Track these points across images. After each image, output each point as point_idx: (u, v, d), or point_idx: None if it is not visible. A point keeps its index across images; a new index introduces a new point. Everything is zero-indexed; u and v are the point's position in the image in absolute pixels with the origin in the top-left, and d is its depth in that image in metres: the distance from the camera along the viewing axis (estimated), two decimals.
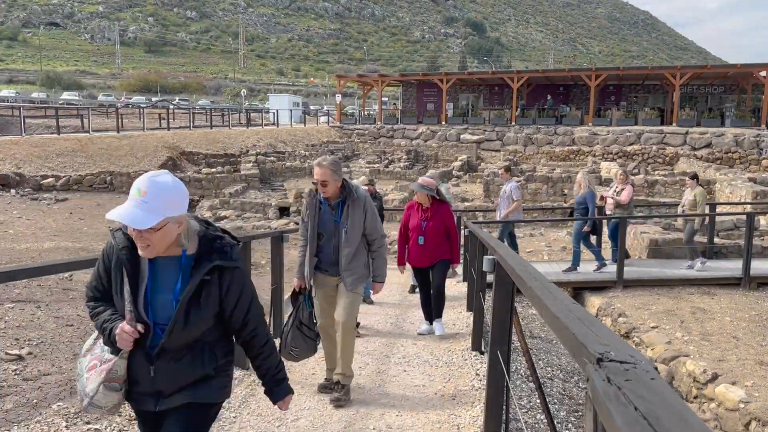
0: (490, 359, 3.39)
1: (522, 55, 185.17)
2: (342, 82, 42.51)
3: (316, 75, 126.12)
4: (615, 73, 34.55)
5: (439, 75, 39.07)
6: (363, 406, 4.40)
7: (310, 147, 32.35)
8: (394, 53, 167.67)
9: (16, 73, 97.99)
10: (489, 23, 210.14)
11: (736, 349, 7.24)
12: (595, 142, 30.34)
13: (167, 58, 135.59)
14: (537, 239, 15.52)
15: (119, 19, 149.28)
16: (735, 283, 10.04)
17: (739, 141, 27.31)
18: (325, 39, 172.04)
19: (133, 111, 36.61)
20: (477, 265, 5.96)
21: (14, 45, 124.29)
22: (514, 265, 2.68)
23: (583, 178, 10.48)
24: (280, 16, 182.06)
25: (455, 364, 5.41)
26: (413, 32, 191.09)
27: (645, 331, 8.04)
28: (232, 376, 2.39)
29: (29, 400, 4.23)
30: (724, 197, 18.56)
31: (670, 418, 0.89)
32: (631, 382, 1.04)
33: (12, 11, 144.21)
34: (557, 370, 6.20)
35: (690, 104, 34.38)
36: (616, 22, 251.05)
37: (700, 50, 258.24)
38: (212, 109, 45.37)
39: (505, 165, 15.82)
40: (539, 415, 4.40)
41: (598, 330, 1.39)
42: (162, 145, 24.46)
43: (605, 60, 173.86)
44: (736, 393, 5.93)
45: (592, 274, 10.56)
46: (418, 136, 34.48)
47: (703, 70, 32.73)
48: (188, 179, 21.09)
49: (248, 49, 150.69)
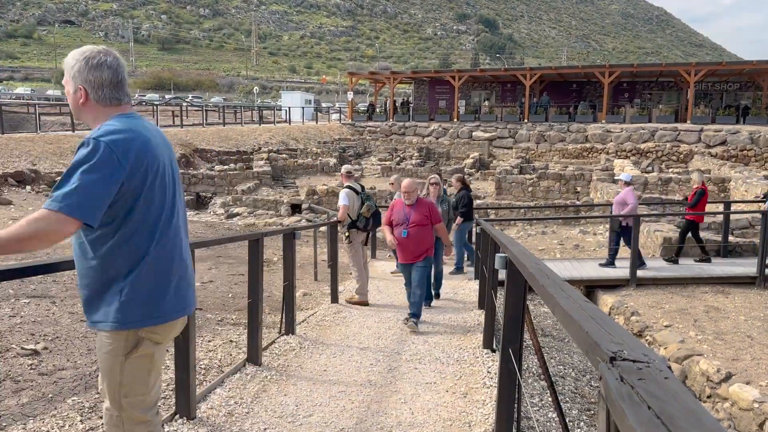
0: (502, 357, 3.39)
1: (535, 51, 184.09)
2: (354, 80, 42.49)
3: (328, 72, 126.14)
4: (629, 70, 34.26)
5: (451, 72, 38.97)
6: (374, 402, 4.41)
7: (322, 144, 32.39)
8: (406, 50, 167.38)
9: (32, 71, 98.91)
10: (502, 20, 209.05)
11: (751, 348, 7.18)
12: (608, 139, 30.12)
13: (180, 56, 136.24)
14: (549, 237, 15.45)
15: (133, 16, 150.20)
16: (750, 282, 9.96)
17: (755, 138, 26.99)
18: (337, 36, 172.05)
19: (147, 108, 36.81)
20: (489, 262, 5.94)
21: (29, 43, 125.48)
22: (527, 263, 2.67)
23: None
24: (292, 14, 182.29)
25: (467, 362, 5.41)
26: (425, 29, 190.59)
27: (658, 330, 7.99)
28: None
29: (45, 395, 4.28)
30: (739, 195, 18.36)
31: (684, 418, 0.89)
32: (644, 381, 1.03)
33: (27, 9, 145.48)
34: (569, 368, 6.17)
35: (705, 101, 34.01)
36: (630, 18, 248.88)
37: (716, 47, 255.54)
38: (225, 106, 45.54)
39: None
40: (551, 413, 4.39)
41: (611, 328, 1.38)
42: (175, 142, 24.59)
43: (619, 57, 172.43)
44: (750, 393, 5.88)
45: (605, 272, 10.52)
46: (429, 134, 34.42)
47: (718, 67, 32.39)
48: (201, 176, 21.20)
49: (261, 46, 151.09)
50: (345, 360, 5.46)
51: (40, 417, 3.90)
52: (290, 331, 6.18)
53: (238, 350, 5.70)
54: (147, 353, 2.34)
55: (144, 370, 2.35)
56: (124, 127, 2.23)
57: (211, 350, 5.66)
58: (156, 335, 2.35)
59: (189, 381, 3.87)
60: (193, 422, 3.88)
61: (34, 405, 4.10)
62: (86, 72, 2.27)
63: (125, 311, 2.24)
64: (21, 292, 6.85)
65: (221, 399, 4.34)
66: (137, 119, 2.36)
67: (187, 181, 21.02)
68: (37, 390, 4.35)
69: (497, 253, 3.95)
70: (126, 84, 2.39)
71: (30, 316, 6.00)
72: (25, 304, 6.40)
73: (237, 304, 7.66)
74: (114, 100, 2.33)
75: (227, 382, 4.70)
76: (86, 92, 2.30)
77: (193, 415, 3.92)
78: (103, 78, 2.28)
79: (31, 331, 5.56)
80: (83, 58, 2.29)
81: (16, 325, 5.71)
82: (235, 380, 4.79)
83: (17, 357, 4.93)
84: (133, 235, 2.24)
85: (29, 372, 4.68)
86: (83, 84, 2.29)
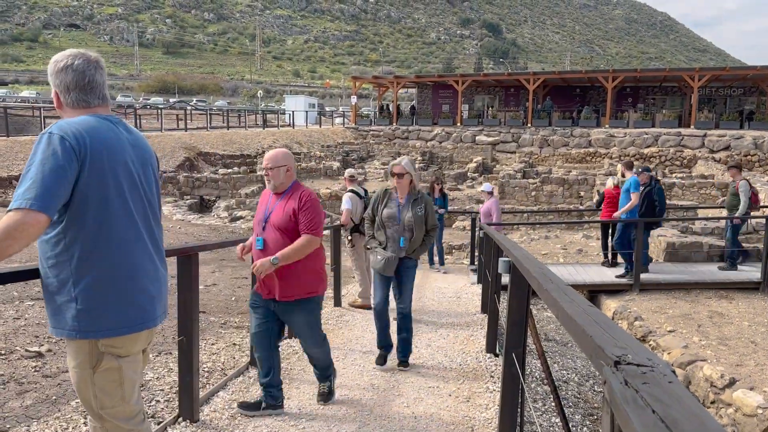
0: (505, 361, 3.38)
1: (538, 56, 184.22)
2: (357, 84, 42.55)
3: (332, 77, 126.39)
4: (632, 75, 34.23)
5: (454, 76, 38.97)
6: (377, 406, 4.41)
7: (326, 148, 32.43)
8: (409, 55, 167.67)
9: (37, 74, 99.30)
10: (505, 25, 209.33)
11: (755, 354, 7.15)
12: (612, 144, 30.10)
13: (185, 60, 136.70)
14: (552, 241, 15.44)
15: (138, 20, 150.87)
16: (754, 287, 9.92)
17: (759, 143, 26.94)
18: (341, 41, 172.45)
19: (151, 112, 36.93)
20: (492, 266, 5.94)
21: (35, 46, 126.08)
22: (530, 267, 2.67)
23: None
24: (296, 18, 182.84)
25: (469, 366, 5.40)
26: (429, 34, 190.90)
27: (661, 335, 7.97)
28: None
29: (48, 397, 4.29)
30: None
31: (689, 422, 0.89)
32: (648, 385, 1.04)
33: (33, 13, 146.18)
34: (572, 373, 6.16)
35: (708, 106, 33.96)
36: (634, 23, 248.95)
37: (719, 52, 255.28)
38: (229, 110, 45.67)
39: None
40: (554, 418, 4.38)
41: (615, 333, 1.38)
42: (179, 145, 24.67)
43: (622, 62, 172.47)
44: (754, 398, 5.86)
45: (608, 277, 10.50)
46: (433, 138, 34.43)
47: (721, 72, 32.34)
48: (205, 179, 21.23)
49: (265, 50, 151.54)
50: (348, 363, 5.46)
51: (43, 419, 3.92)
52: (293, 334, 6.17)
53: (241, 353, 5.70)
54: (112, 366, 2.26)
55: (113, 383, 2.29)
56: (82, 121, 2.20)
57: (214, 353, 5.67)
58: (116, 348, 2.26)
59: (192, 384, 3.88)
60: (197, 425, 3.89)
61: (38, 407, 4.11)
62: (55, 76, 2.30)
63: (81, 320, 2.17)
64: (25, 294, 6.88)
65: (224, 402, 4.35)
66: (103, 119, 2.30)
67: (191, 185, 21.06)
68: (41, 392, 4.36)
69: (500, 257, 3.95)
70: (98, 86, 2.34)
71: (34, 319, 6.02)
72: (29, 307, 6.42)
73: (240, 307, 7.68)
74: (82, 103, 2.30)
75: (230, 385, 4.71)
76: (58, 96, 2.33)
77: (196, 418, 3.93)
78: (68, 81, 2.28)
79: (35, 334, 5.57)
80: (53, 62, 2.32)
81: (21, 327, 5.73)
82: (238, 383, 4.79)
83: (21, 359, 4.95)
84: (89, 239, 2.16)
85: (33, 374, 4.69)
86: (56, 88, 2.32)
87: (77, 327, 2.18)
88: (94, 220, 2.16)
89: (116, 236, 2.22)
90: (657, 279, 10.21)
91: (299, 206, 3.93)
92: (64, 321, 2.19)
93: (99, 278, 2.19)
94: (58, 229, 2.15)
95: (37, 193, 1.97)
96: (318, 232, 3.93)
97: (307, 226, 3.90)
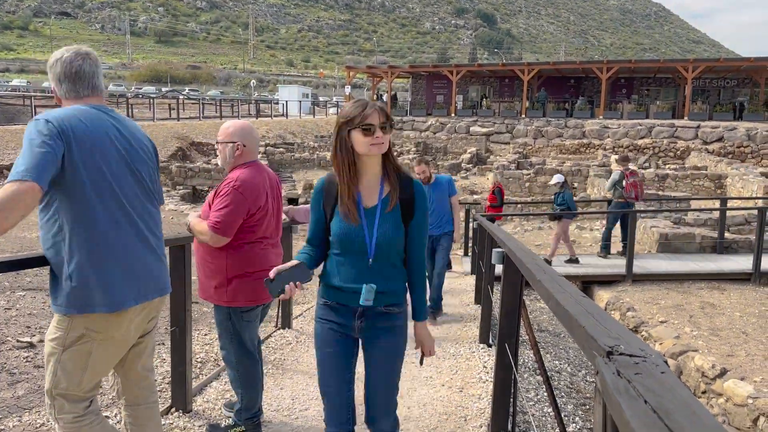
0: (498, 352, 3.39)
1: (533, 47, 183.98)
2: (351, 74, 42.38)
3: (326, 66, 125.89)
4: (626, 66, 34.25)
5: (449, 67, 38.87)
6: None
7: (319, 138, 32.35)
8: (404, 45, 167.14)
9: (28, 63, 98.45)
10: (500, 15, 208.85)
11: (746, 344, 7.21)
12: (605, 135, 30.14)
13: (177, 49, 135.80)
14: (546, 232, 15.47)
15: (129, 9, 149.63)
16: (745, 279, 10.00)
17: (752, 135, 27.04)
18: (334, 30, 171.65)
19: (143, 101, 36.69)
20: (486, 257, 5.95)
21: (26, 34, 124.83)
22: (524, 258, 2.67)
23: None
24: (290, 7, 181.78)
25: (463, 357, 5.42)
26: (423, 23, 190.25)
27: (654, 326, 8.02)
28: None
29: (40, 387, 4.27)
30: (736, 192, 18.42)
31: (681, 412, 0.89)
32: (641, 376, 1.04)
33: (24, 1, 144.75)
34: (565, 363, 6.19)
35: (702, 98, 34.03)
36: (629, 14, 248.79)
37: (714, 43, 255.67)
38: (222, 99, 45.44)
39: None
40: (546, 408, 4.40)
41: (607, 323, 1.38)
42: (172, 135, 24.55)
43: (617, 53, 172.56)
44: (745, 389, 5.91)
45: (601, 268, 10.55)
46: (427, 128, 34.38)
47: (715, 63, 32.39)
48: (198, 169, 21.16)
49: (258, 39, 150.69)
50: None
51: (35, 409, 3.90)
52: (286, 324, 6.17)
53: None
54: (82, 350, 2.33)
55: (77, 367, 2.34)
56: (69, 109, 2.31)
57: (207, 344, 5.66)
58: (95, 332, 2.32)
59: (185, 374, 3.87)
60: (189, 415, 3.89)
61: (29, 397, 4.10)
62: (49, 70, 2.45)
63: (71, 297, 2.26)
64: (16, 284, 6.84)
65: (217, 392, 4.35)
66: (93, 107, 2.38)
67: (183, 175, 20.98)
68: (33, 383, 4.35)
69: (494, 248, 3.95)
70: (86, 76, 2.42)
71: (25, 309, 5.99)
72: (21, 297, 6.39)
73: None
74: (72, 93, 2.41)
75: (223, 376, 4.70)
76: (55, 90, 2.47)
77: (189, 408, 3.93)
78: (58, 72, 2.41)
79: (26, 324, 5.55)
80: (50, 58, 2.49)
81: (12, 317, 5.70)
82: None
83: (13, 349, 4.93)
84: (77, 220, 2.24)
85: (25, 365, 4.67)
86: (52, 82, 2.46)
87: (65, 302, 2.28)
88: (80, 202, 2.25)
89: (101, 217, 2.30)
90: (649, 270, 10.27)
91: (218, 190, 3.23)
92: (60, 298, 2.29)
93: (87, 257, 2.27)
94: (52, 210, 2.26)
95: (29, 166, 2.07)
96: (221, 230, 3.12)
97: (213, 216, 3.15)
